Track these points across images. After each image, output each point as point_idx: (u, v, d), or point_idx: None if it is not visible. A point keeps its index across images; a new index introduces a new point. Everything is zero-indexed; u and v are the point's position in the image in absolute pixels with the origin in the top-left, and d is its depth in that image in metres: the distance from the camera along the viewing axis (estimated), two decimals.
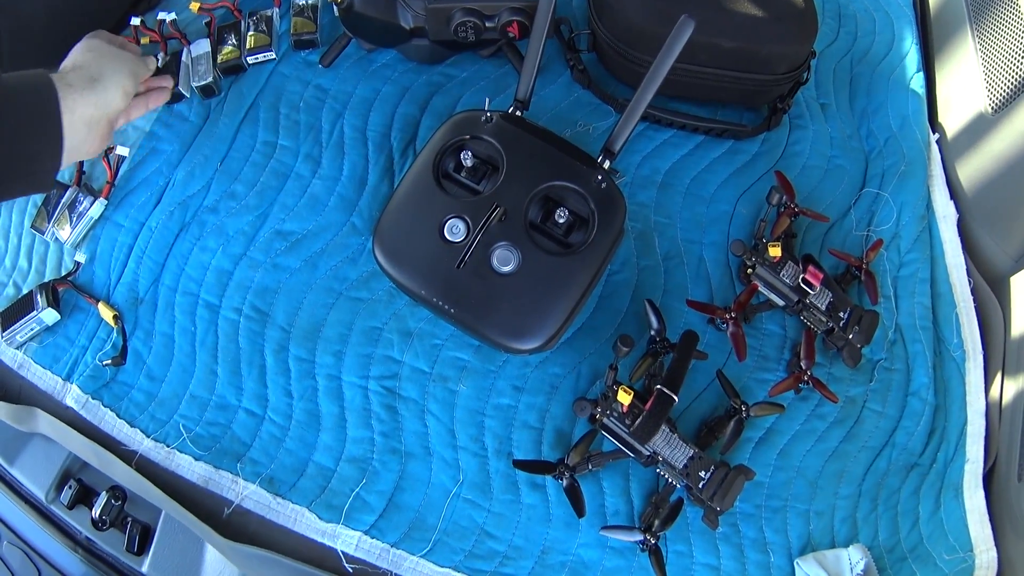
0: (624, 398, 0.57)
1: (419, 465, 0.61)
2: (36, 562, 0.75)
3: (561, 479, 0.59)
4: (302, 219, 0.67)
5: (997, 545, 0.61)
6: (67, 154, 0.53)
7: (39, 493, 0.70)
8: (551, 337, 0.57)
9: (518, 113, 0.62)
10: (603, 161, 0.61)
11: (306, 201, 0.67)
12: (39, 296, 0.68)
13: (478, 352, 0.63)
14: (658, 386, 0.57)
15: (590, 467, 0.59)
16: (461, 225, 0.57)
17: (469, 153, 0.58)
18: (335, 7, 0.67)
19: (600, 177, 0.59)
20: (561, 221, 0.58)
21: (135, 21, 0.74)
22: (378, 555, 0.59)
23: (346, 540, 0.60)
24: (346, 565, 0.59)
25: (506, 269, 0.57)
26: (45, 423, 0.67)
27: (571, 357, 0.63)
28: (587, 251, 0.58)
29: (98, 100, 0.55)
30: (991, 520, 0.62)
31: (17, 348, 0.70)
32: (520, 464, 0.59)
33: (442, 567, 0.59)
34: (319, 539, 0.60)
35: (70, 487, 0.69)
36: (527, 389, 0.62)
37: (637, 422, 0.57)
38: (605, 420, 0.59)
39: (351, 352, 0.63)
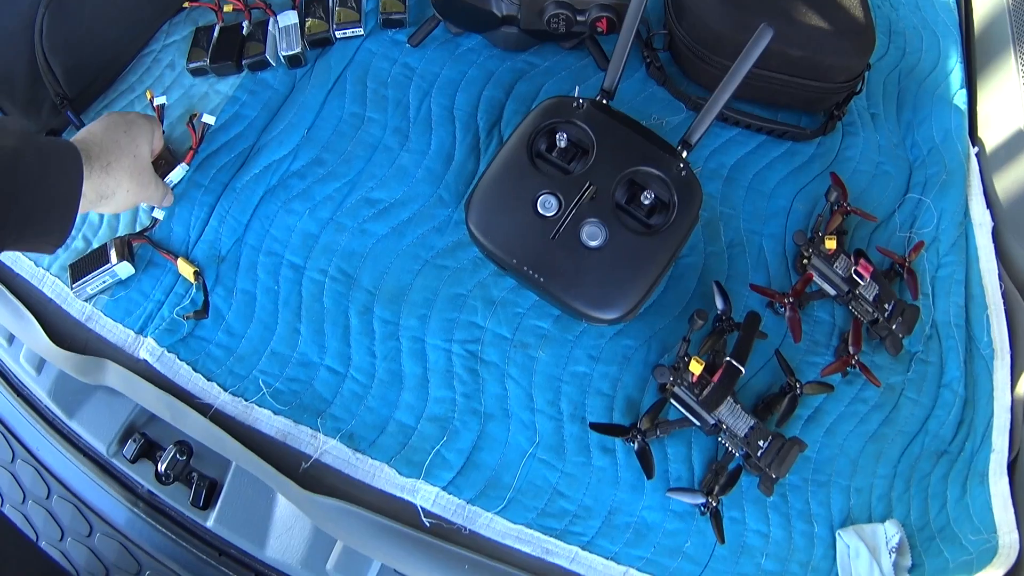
0: (696, 367, 0.64)
1: (498, 426, 0.67)
2: (88, 517, 0.78)
3: (633, 442, 0.65)
4: (390, 189, 0.73)
5: (1019, 528, 0.66)
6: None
7: (100, 447, 0.73)
8: (631, 309, 0.64)
9: (604, 102, 0.69)
10: (681, 151, 0.68)
11: (394, 172, 0.73)
12: (112, 250, 0.71)
13: (557, 322, 0.69)
14: (727, 358, 0.64)
15: (658, 433, 0.66)
16: (553, 201, 0.64)
17: (565, 135, 0.65)
18: None
19: (681, 165, 0.66)
20: (646, 203, 0.65)
21: None
22: (454, 511, 0.64)
23: (424, 495, 0.65)
24: (424, 520, 0.65)
25: (594, 244, 0.63)
26: (114, 375, 0.69)
27: (643, 331, 0.70)
28: (667, 232, 0.65)
29: (103, 189, 0.61)
30: (1014, 505, 0.67)
31: (86, 300, 0.72)
32: (596, 426, 0.66)
33: (515, 524, 0.64)
34: (398, 494, 0.65)
35: (135, 440, 0.71)
36: (602, 359, 0.69)
37: (706, 391, 0.64)
38: (675, 389, 0.66)
39: (436, 316, 0.69)
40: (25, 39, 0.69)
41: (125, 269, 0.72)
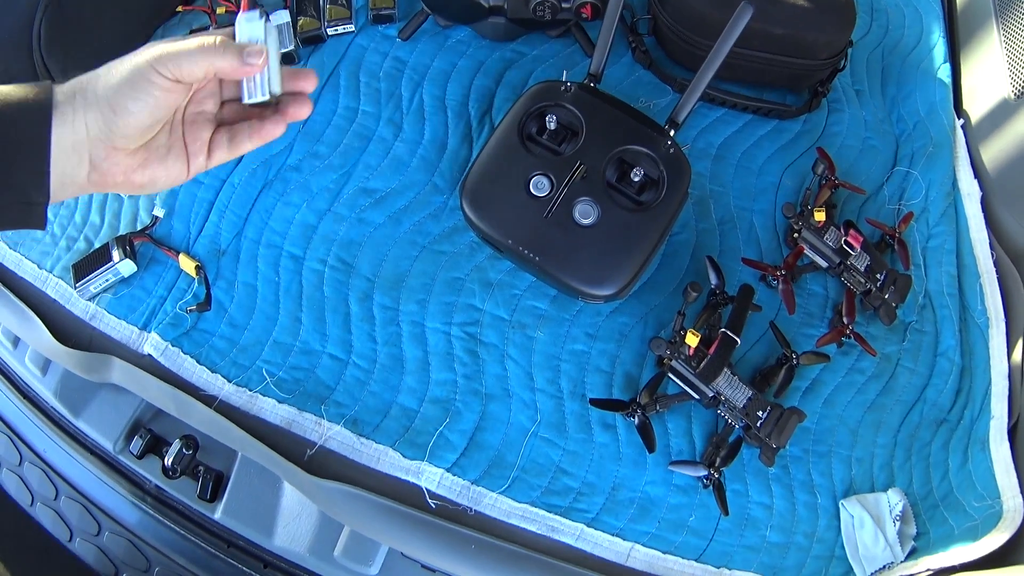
0: (692, 340, 0.66)
1: (499, 406, 0.68)
2: (96, 515, 0.79)
3: (633, 417, 0.67)
4: (386, 178, 0.75)
5: (1023, 492, 0.67)
6: (59, 189, 0.43)
7: (107, 444, 0.74)
8: (625, 285, 0.65)
9: (592, 85, 0.72)
10: (669, 130, 0.70)
11: (389, 162, 0.75)
12: (115, 248, 0.73)
13: (554, 302, 0.71)
14: (722, 329, 0.66)
15: (658, 408, 0.67)
16: (546, 182, 0.66)
17: (554, 118, 0.67)
18: None
19: (669, 143, 0.68)
20: (636, 180, 0.67)
21: None
22: (459, 492, 0.66)
23: (429, 477, 0.66)
24: (429, 501, 0.66)
25: (587, 222, 0.65)
26: (120, 371, 0.71)
27: (638, 308, 0.72)
28: (658, 208, 0.67)
29: (107, 118, 0.42)
30: (1016, 470, 0.68)
31: (89, 299, 0.74)
32: (597, 402, 0.68)
33: (520, 503, 0.65)
34: (403, 476, 0.66)
35: (141, 436, 0.73)
36: (599, 336, 0.70)
37: (703, 363, 0.66)
38: (673, 363, 0.67)
39: (434, 300, 0.71)
40: (23, 43, 0.71)
41: (127, 267, 0.74)
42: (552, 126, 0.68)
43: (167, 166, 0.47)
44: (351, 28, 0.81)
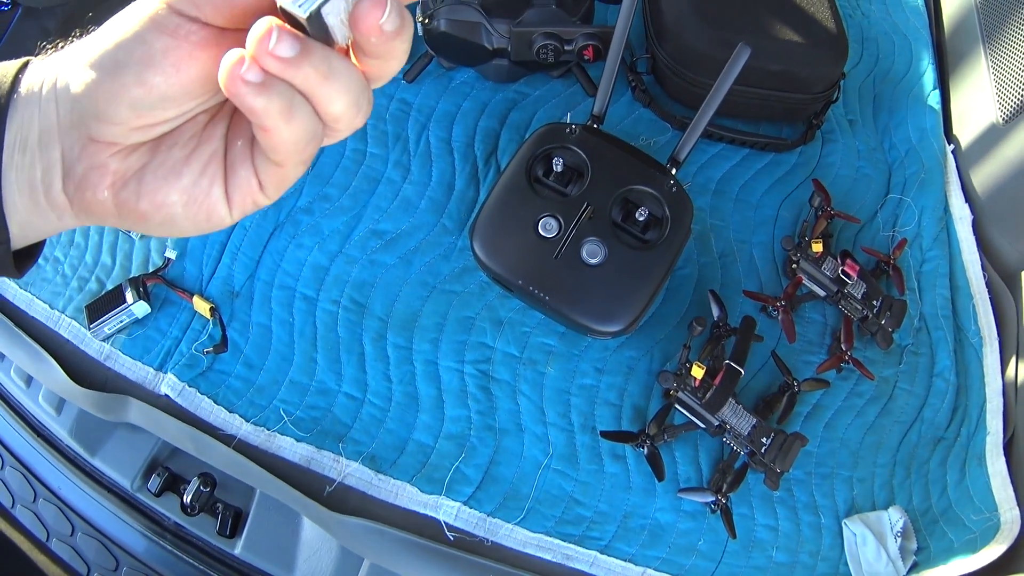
0: (698, 372, 0.69)
1: (512, 440, 0.71)
2: (113, 551, 0.82)
3: (642, 447, 0.70)
4: (395, 220, 0.78)
5: (1020, 504, 0.69)
6: (28, 213, 0.29)
7: (124, 482, 0.76)
8: (633, 321, 0.68)
9: (595, 126, 0.75)
10: (671, 169, 0.73)
11: (398, 204, 0.78)
12: (128, 290, 0.75)
13: (563, 338, 0.74)
14: (727, 361, 0.69)
15: (666, 438, 0.70)
16: (553, 223, 0.69)
17: (561, 160, 0.70)
18: (419, 26, 0.79)
19: (672, 182, 0.71)
20: (641, 219, 0.69)
21: None
22: (476, 524, 0.68)
23: (447, 510, 0.69)
24: (448, 534, 0.69)
25: (594, 261, 0.68)
26: (137, 411, 0.73)
27: (644, 342, 0.75)
28: (663, 246, 0.70)
29: (87, 85, 0.27)
30: (1013, 483, 0.70)
31: (103, 340, 0.76)
32: (607, 434, 0.70)
33: (535, 532, 0.68)
34: (421, 510, 0.69)
35: (159, 475, 0.75)
36: (607, 370, 0.73)
37: (709, 394, 0.69)
38: (679, 395, 0.70)
39: (446, 339, 0.74)
40: None
41: (141, 308, 0.76)
42: (559, 168, 0.70)
43: (183, 184, 0.29)
44: None
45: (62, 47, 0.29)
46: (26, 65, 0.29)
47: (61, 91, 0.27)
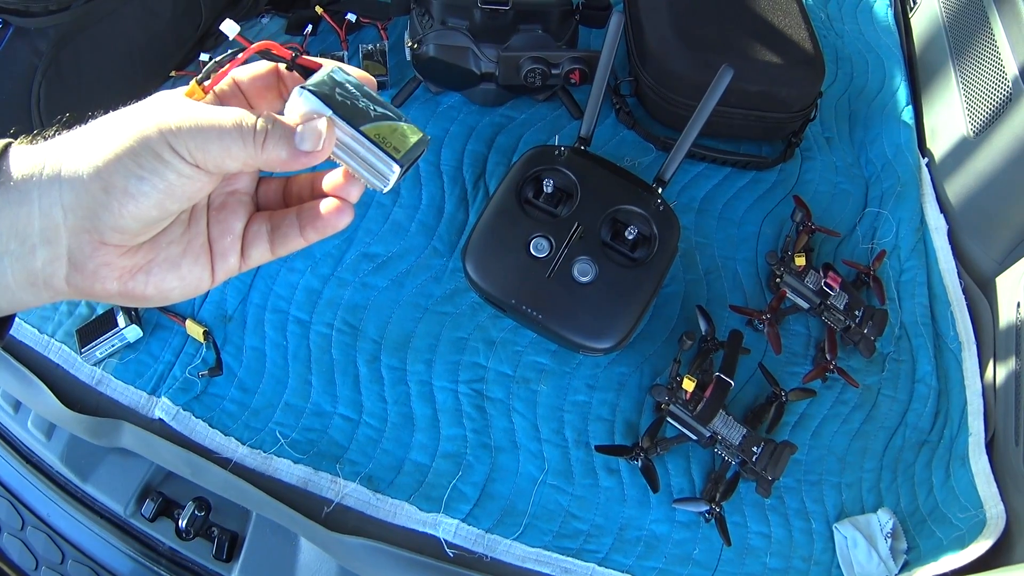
0: (688, 385, 0.74)
1: (508, 457, 0.76)
2: None
3: (636, 460, 0.75)
4: (386, 243, 0.82)
5: (1004, 501, 0.73)
6: (22, 292, 0.32)
7: (118, 508, 0.78)
8: (624, 337, 0.74)
9: (583, 148, 0.80)
10: (657, 188, 0.79)
11: (389, 227, 0.83)
12: (120, 314, 0.78)
13: (555, 356, 0.79)
14: (716, 373, 0.74)
15: (658, 450, 0.75)
16: (545, 243, 0.74)
17: (551, 181, 0.75)
18: (408, 51, 0.84)
19: (659, 201, 0.77)
20: (630, 238, 0.75)
21: (204, 57, 0.88)
22: (475, 540, 0.72)
23: (446, 528, 0.72)
24: (447, 551, 0.73)
25: (585, 280, 0.73)
26: (130, 436, 0.75)
27: (634, 358, 0.80)
28: (651, 264, 0.75)
29: (95, 200, 0.30)
30: (996, 481, 0.76)
31: (95, 364, 0.78)
32: (602, 448, 0.75)
33: (533, 547, 0.72)
34: (420, 528, 0.72)
35: (153, 500, 0.77)
36: (599, 387, 0.79)
37: (700, 406, 0.74)
38: (671, 408, 0.75)
39: (440, 360, 0.78)
40: (22, 106, 0.75)
41: (133, 332, 0.79)
42: (549, 189, 0.76)
43: (182, 273, 0.34)
44: None
45: (48, 137, 0.33)
46: (7, 147, 0.32)
47: (69, 201, 0.31)
